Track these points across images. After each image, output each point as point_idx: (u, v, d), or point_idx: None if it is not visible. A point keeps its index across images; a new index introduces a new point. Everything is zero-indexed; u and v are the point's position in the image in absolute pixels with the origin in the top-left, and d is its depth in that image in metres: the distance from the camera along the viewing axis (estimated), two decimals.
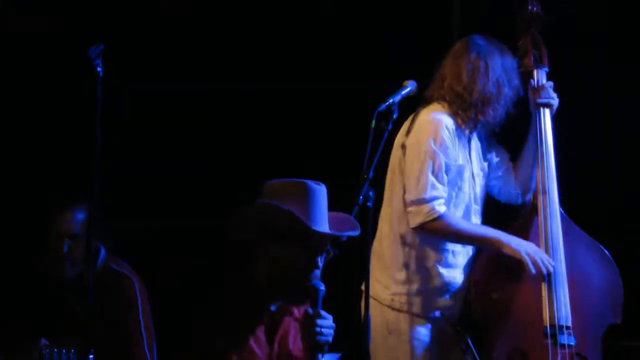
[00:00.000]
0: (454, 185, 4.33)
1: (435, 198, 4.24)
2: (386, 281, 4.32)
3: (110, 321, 4.54)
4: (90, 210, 4.59)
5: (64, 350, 4.35)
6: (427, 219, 4.22)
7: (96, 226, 4.28)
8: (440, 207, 4.24)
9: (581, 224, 4.50)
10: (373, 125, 3.92)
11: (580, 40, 5.08)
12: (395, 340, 4.29)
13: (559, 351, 4.21)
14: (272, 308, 3.63)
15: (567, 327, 4.24)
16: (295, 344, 3.66)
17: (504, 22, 4.76)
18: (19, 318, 4.68)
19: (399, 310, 4.30)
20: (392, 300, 4.30)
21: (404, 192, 4.28)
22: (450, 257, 4.35)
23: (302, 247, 3.61)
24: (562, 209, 4.49)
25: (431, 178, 4.23)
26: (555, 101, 4.57)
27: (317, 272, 3.61)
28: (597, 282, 4.37)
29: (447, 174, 4.28)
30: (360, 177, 3.83)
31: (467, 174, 4.38)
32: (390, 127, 3.94)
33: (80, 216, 4.71)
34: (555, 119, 4.59)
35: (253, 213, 3.64)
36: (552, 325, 4.25)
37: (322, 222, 3.65)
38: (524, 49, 4.61)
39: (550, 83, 4.57)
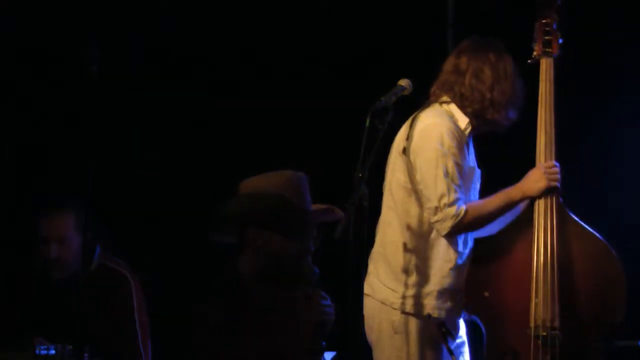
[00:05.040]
0: (467, 189, 4.33)
1: (456, 200, 4.23)
2: (395, 285, 4.30)
3: (105, 319, 4.54)
4: (81, 210, 4.58)
5: (59, 347, 4.35)
6: (457, 220, 4.22)
7: (90, 225, 4.26)
8: (462, 205, 4.24)
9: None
10: (367, 124, 3.92)
11: None
12: (401, 340, 4.28)
13: (545, 352, 4.20)
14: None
15: (554, 328, 4.21)
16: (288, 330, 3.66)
17: (499, 19, 4.76)
18: (13, 315, 4.69)
19: (408, 314, 4.29)
20: (403, 303, 4.29)
21: (425, 202, 4.25)
22: (458, 259, 4.35)
23: (293, 232, 3.60)
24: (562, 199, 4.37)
25: (447, 181, 4.22)
26: (557, 184, 4.37)
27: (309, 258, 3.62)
28: (592, 278, 4.30)
29: (460, 175, 4.27)
30: (354, 176, 3.84)
31: (474, 177, 4.39)
32: (385, 126, 3.95)
33: (67, 220, 4.66)
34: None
35: (238, 203, 3.63)
36: (538, 326, 4.23)
37: (309, 206, 3.65)
38: (535, 35, 4.48)
39: (557, 165, 4.37)
